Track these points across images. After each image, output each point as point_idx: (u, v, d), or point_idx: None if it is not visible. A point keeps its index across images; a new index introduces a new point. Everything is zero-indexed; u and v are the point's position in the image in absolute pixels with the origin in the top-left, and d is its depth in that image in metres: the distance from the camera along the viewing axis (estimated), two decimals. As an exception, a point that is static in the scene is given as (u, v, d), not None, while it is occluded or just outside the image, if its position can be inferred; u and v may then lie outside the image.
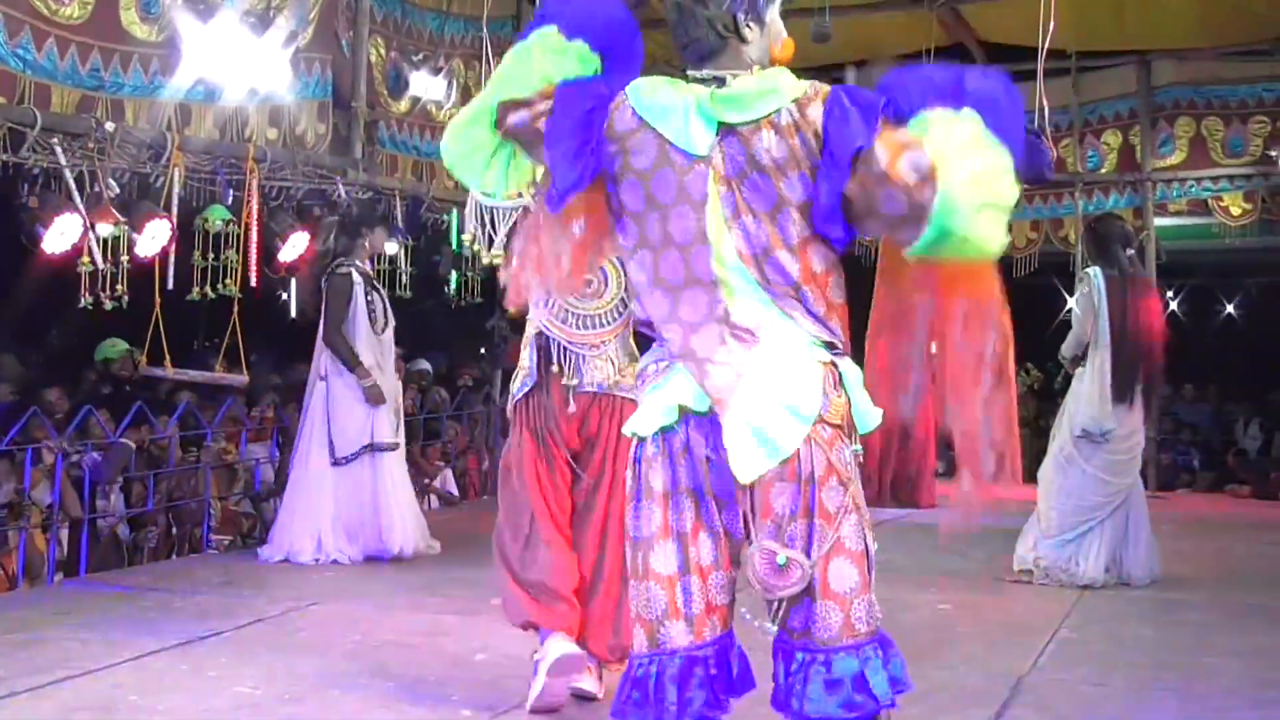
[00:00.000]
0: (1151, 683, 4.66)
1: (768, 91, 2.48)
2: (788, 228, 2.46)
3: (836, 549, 2.43)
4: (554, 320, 4.19)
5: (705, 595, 2.47)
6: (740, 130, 2.46)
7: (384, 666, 4.57)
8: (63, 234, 5.85)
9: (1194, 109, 11.03)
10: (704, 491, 2.47)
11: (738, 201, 2.47)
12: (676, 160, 2.49)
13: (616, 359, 4.22)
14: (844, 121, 2.41)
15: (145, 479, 6.95)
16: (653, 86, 2.54)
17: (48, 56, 5.80)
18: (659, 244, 2.51)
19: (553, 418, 4.20)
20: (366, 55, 7.91)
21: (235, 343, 7.10)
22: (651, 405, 2.51)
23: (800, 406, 2.42)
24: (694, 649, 2.46)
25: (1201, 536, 7.91)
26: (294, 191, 7.33)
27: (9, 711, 3.96)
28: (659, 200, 2.50)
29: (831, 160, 2.42)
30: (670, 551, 2.47)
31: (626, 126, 2.52)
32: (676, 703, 2.43)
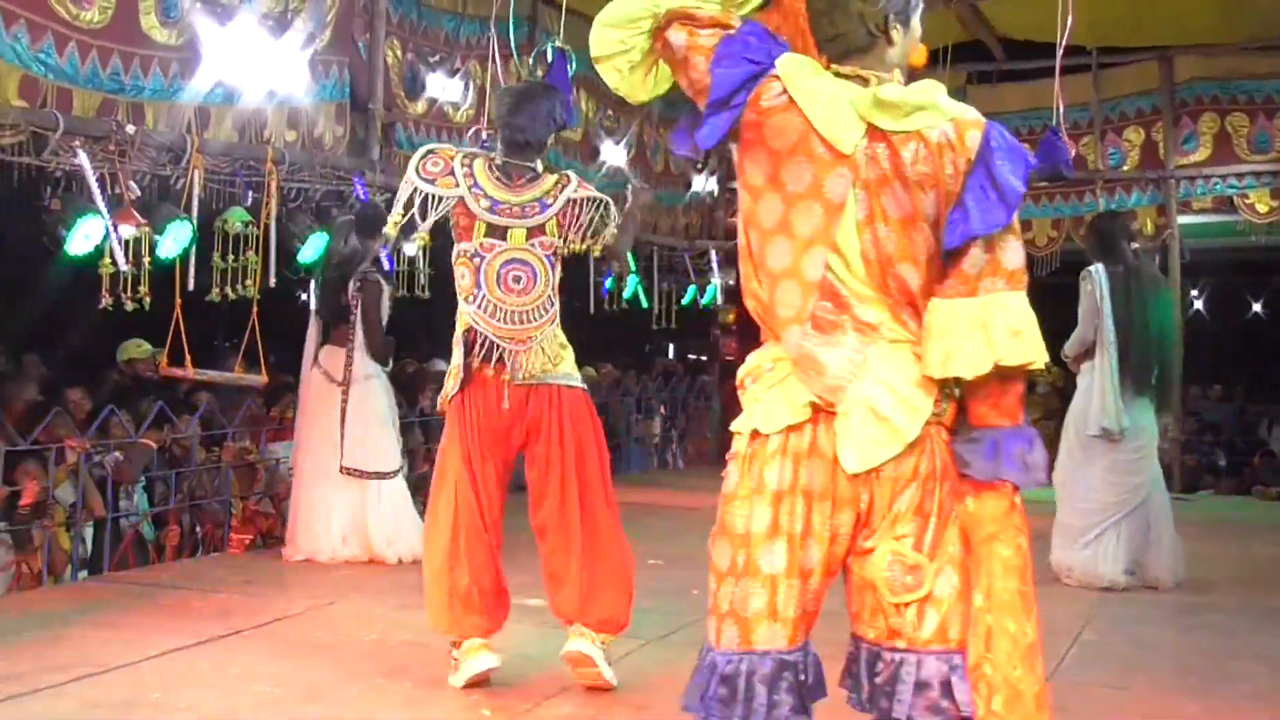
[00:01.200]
0: (1174, 686, 4.65)
1: (929, 105, 2.42)
2: (918, 240, 2.43)
3: (944, 553, 2.43)
4: (483, 315, 4.23)
5: (803, 600, 2.44)
6: (891, 137, 2.41)
7: (403, 666, 4.59)
8: (85, 236, 5.89)
9: (1218, 104, 10.94)
10: (824, 493, 2.42)
11: (873, 207, 2.42)
12: (819, 152, 2.44)
13: (549, 349, 4.28)
14: (986, 193, 2.39)
15: (167, 479, 6.98)
16: (804, 68, 2.50)
17: (69, 61, 5.83)
18: (770, 226, 2.47)
19: (489, 413, 4.25)
20: (383, 57, 7.93)
21: (254, 343, 7.12)
22: (775, 401, 2.45)
23: (916, 399, 2.41)
24: (786, 653, 2.43)
25: (1226, 539, 7.86)
26: (312, 193, 7.35)
27: (32, 708, 3.98)
28: (785, 185, 2.46)
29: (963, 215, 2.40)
30: (779, 552, 2.42)
31: (773, 102, 2.47)
32: (765, 704, 2.41)
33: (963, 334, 2.39)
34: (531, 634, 4.74)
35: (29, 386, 7.66)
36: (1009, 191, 2.39)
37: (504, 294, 4.23)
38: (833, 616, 2.53)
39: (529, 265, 4.24)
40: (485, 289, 4.23)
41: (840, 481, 2.42)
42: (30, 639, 4.79)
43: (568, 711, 4.11)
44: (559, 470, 4.31)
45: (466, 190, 4.24)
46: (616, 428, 11.16)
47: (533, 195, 4.28)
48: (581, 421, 4.37)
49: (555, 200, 4.29)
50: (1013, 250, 2.43)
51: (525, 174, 4.32)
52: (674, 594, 5.58)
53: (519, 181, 4.29)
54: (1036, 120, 11.19)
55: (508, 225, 4.24)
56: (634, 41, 2.61)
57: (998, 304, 2.41)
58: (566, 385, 4.35)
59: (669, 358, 15.31)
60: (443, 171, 4.26)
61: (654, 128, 11.01)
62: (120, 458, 6.66)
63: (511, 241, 4.24)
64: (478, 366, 4.25)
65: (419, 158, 4.30)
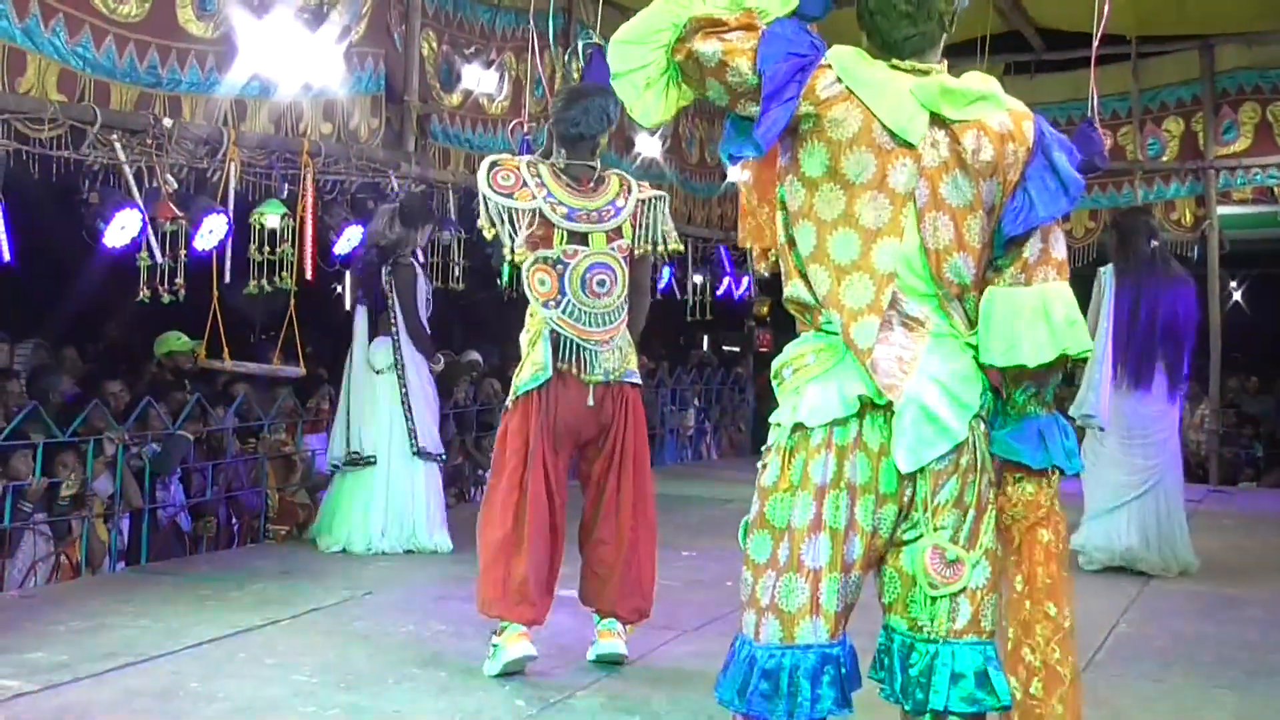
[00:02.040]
0: (1211, 680, 4.61)
1: (989, 96, 2.46)
2: (974, 229, 2.44)
3: (980, 545, 2.44)
4: (567, 319, 4.33)
5: (845, 594, 2.44)
6: (952, 125, 2.43)
7: (438, 656, 4.61)
8: (122, 228, 5.94)
9: (1259, 94, 10.82)
10: (868, 487, 2.41)
11: (932, 196, 2.42)
12: (882, 142, 2.42)
13: (624, 348, 4.45)
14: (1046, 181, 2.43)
15: (204, 470, 7.03)
16: (858, 59, 2.49)
17: (106, 54, 5.88)
18: (832, 219, 2.45)
19: (570, 410, 4.37)
20: (419, 49, 7.95)
21: (291, 335, 7.16)
22: (820, 395, 2.44)
23: (964, 395, 2.42)
24: (829, 646, 2.43)
25: (1265, 532, 7.79)
26: (348, 185, 7.38)
27: (73, 695, 4.02)
28: (847, 176, 2.43)
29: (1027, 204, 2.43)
30: (822, 546, 2.41)
31: (829, 93, 2.44)
32: (811, 699, 2.40)
33: (1027, 323, 2.42)
34: (566, 624, 4.75)
35: (65, 380, 7.73)
36: (1070, 181, 2.44)
37: (588, 298, 4.33)
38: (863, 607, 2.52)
39: (610, 269, 4.36)
40: (570, 294, 4.32)
41: (885, 476, 2.41)
42: (71, 629, 4.83)
43: (601, 701, 4.11)
44: (617, 468, 4.47)
45: (542, 201, 4.32)
46: (651, 419, 11.16)
47: (605, 199, 4.40)
48: (642, 420, 4.56)
49: (627, 202, 4.42)
50: (1061, 240, 2.50)
51: (590, 176, 4.41)
52: (709, 585, 5.57)
53: (587, 186, 4.39)
54: (1075, 110, 11.09)
55: (588, 231, 4.34)
56: (653, 57, 2.55)
57: (1055, 293, 2.45)
58: (632, 384, 4.52)
59: (704, 349, 15.30)
60: (517, 184, 4.33)
61: (690, 119, 11.00)
62: (157, 449, 6.71)
63: (594, 246, 4.35)
64: (568, 368, 4.36)
65: (488, 171, 4.36)
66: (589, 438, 4.45)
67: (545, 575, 4.38)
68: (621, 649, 4.45)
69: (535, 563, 4.31)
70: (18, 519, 5.92)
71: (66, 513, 6.14)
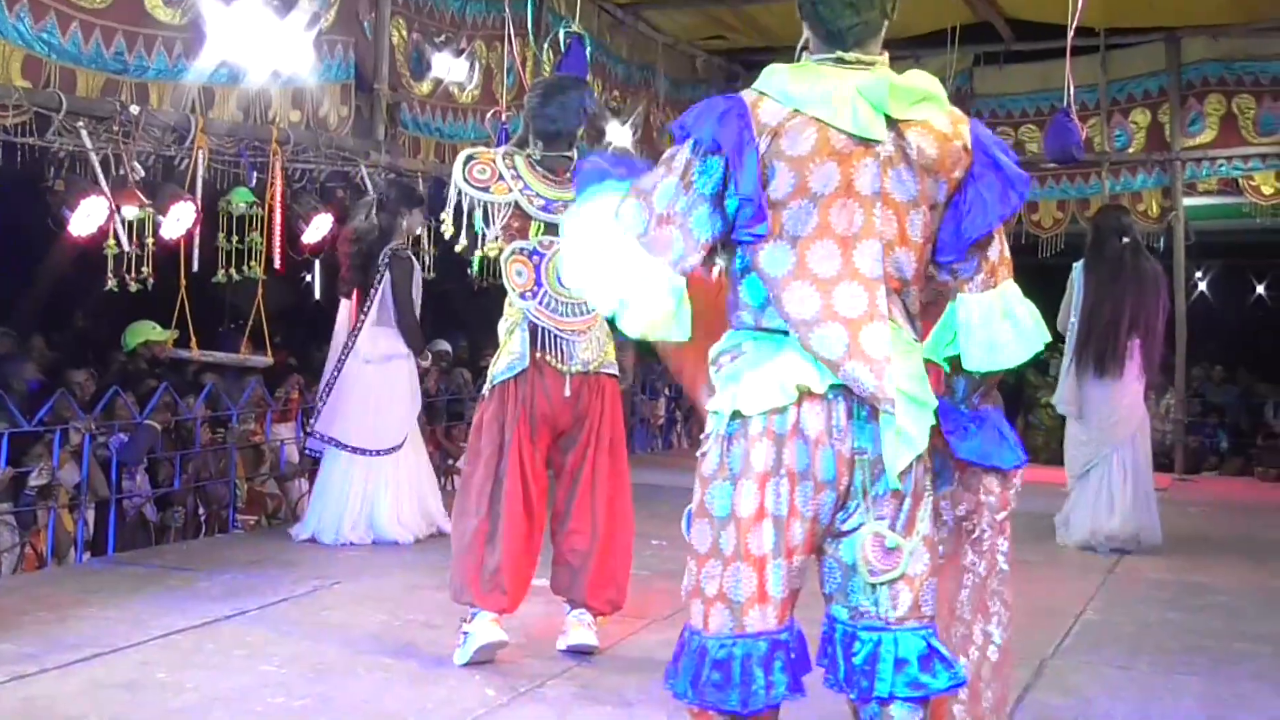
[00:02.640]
0: (1177, 666, 4.65)
1: (932, 96, 2.49)
2: (918, 225, 2.46)
3: (917, 531, 2.47)
4: (544, 310, 4.35)
5: (790, 580, 2.46)
6: (898, 123, 2.45)
7: (408, 646, 4.60)
8: (89, 216, 5.88)
9: (1225, 86, 10.89)
10: (807, 473, 2.42)
11: (882, 190, 2.44)
12: (841, 148, 2.42)
13: (601, 339, 4.45)
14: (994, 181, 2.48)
15: (172, 460, 6.99)
16: (795, 75, 2.48)
17: (72, 40, 5.82)
18: (807, 234, 2.43)
19: (546, 399, 4.37)
20: (389, 37, 7.91)
21: (260, 324, 7.12)
22: (758, 384, 2.44)
23: (926, 395, 2.46)
24: (778, 633, 2.45)
25: (1229, 520, 7.87)
26: (317, 174, 7.35)
27: (39, 688, 3.99)
28: (812, 189, 2.43)
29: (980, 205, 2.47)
30: (766, 534, 2.42)
31: (778, 118, 2.43)
32: (765, 686, 2.42)
33: (1002, 328, 2.51)
34: (537, 613, 4.75)
35: (29, 367, 7.67)
36: (1017, 178, 2.48)
37: (564, 288, 4.28)
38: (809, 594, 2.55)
39: None
40: (546, 285, 4.34)
41: (823, 463, 2.43)
42: (36, 619, 4.80)
43: (572, 691, 4.12)
44: (591, 459, 4.48)
45: (519, 193, 4.33)
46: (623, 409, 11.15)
47: None
48: (618, 411, 4.56)
49: None
50: (1004, 238, 2.56)
51: (565, 167, 4.38)
52: (678, 574, 5.55)
53: (563, 176, 4.35)
54: (1044, 101, 11.15)
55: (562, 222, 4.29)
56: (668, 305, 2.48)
57: (1014, 293, 2.54)
58: (609, 375, 4.52)
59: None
60: (492, 178, 4.34)
61: (661, 109, 10.99)
62: (124, 439, 6.67)
63: None
64: (546, 358, 4.36)
65: (463, 165, 4.37)
66: (565, 428, 4.45)
67: (521, 565, 4.37)
68: (592, 640, 4.45)
69: (510, 551, 4.31)
70: (-18, 509, 5.88)
71: (32, 503, 6.09)
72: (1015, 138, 11.56)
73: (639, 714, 3.90)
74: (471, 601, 4.34)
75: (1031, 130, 11.42)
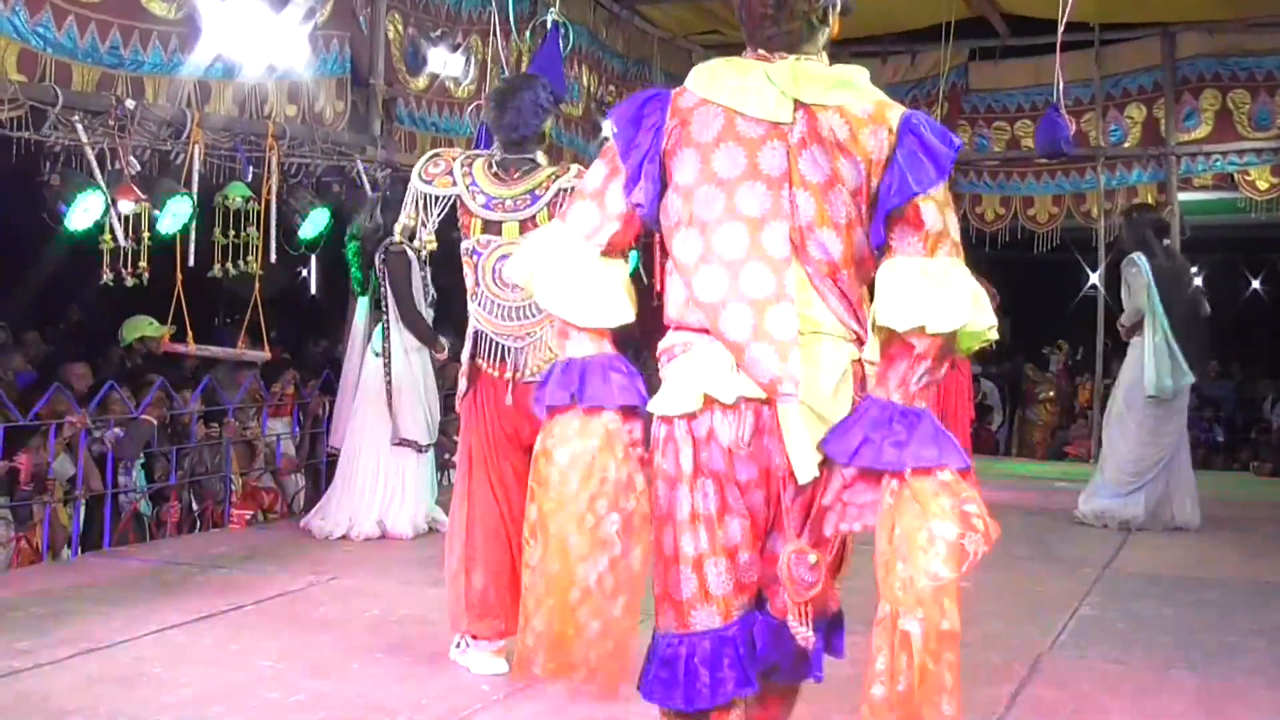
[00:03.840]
0: (1172, 662, 4.65)
1: (850, 84, 2.48)
2: (837, 205, 2.45)
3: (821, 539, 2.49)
4: (483, 313, 4.22)
5: (734, 575, 2.48)
6: (810, 106, 2.45)
7: (404, 641, 4.60)
8: (85, 211, 5.87)
9: (1219, 81, 10.89)
10: (728, 476, 2.46)
11: (792, 172, 2.45)
12: (747, 132, 2.46)
13: (553, 344, 4.15)
14: (916, 154, 2.42)
15: (167, 454, 6.98)
16: (714, 69, 2.54)
17: (68, 34, 5.81)
18: (714, 218, 2.46)
19: (495, 410, 4.22)
20: (384, 32, 7.90)
21: (256, 319, 7.12)
22: (677, 388, 2.48)
23: (831, 411, 2.44)
24: (723, 630, 2.47)
25: (1224, 515, 7.86)
26: (313, 168, 7.33)
27: (34, 682, 4.00)
28: (718, 173, 2.46)
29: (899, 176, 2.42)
30: (700, 533, 2.46)
31: (689, 103, 2.51)
32: (709, 684, 2.45)
33: (931, 288, 2.38)
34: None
35: (18, 359, 7.66)
36: (940, 154, 2.42)
37: (500, 289, 4.19)
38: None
39: None
40: (484, 286, 4.21)
41: (740, 467, 2.46)
42: (31, 614, 4.80)
43: (568, 688, 4.11)
44: None
45: (464, 189, 4.22)
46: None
47: (525, 188, 4.21)
48: None
49: (546, 191, 4.18)
50: (955, 221, 2.48)
51: (522, 166, 4.25)
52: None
53: (514, 175, 4.23)
54: (1039, 96, 11.17)
55: (500, 220, 4.18)
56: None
57: (960, 270, 2.43)
58: None
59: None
60: (442, 172, 4.27)
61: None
62: (120, 434, 6.66)
63: (506, 236, 4.17)
64: (484, 365, 4.23)
65: (422, 162, 4.33)
66: (529, 441, 4.27)
67: (508, 584, 4.15)
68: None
69: (491, 571, 4.19)
70: (-22, 504, 5.87)
71: (27, 497, 6.09)
72: (1010, 133, 11.58)
73: (635, 711, 3.87)
74: (466, 631, 4.23)
75: (1026, 125, 11.42)
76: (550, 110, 4.33)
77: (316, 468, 7.82)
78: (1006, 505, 8.04)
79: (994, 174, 11.79)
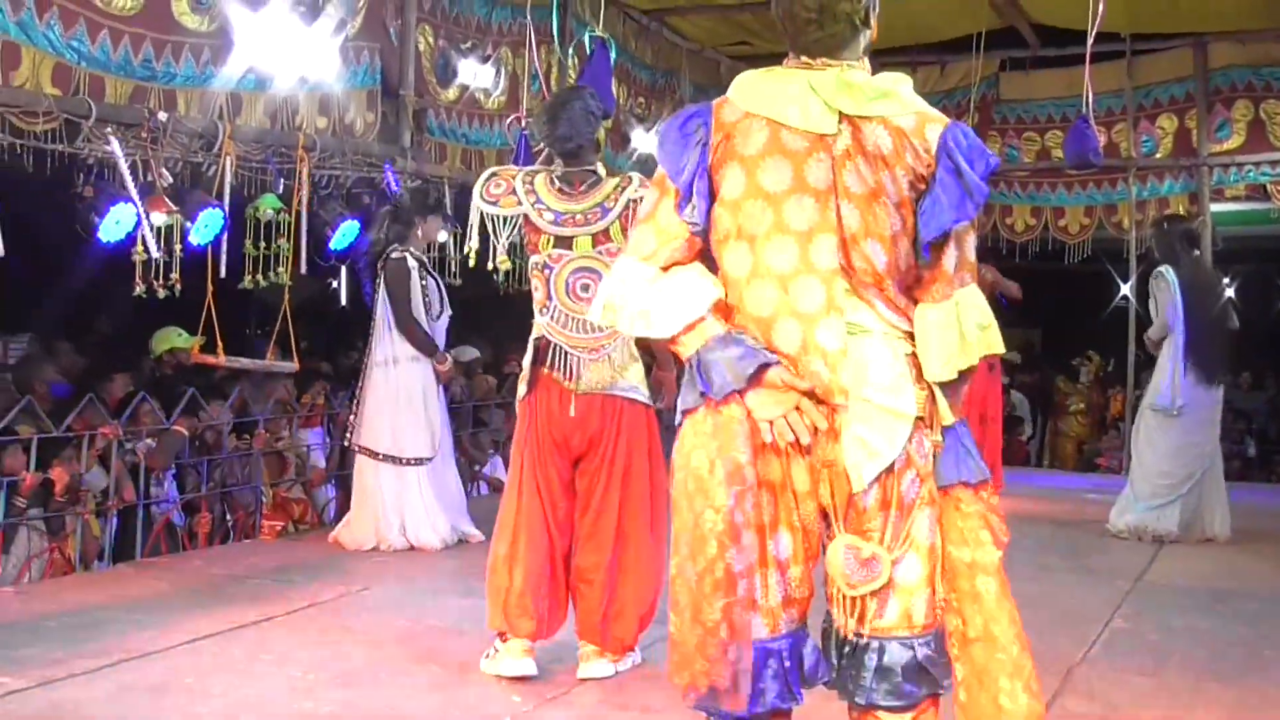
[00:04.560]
0: (1205, 674, 4.61)
1: (891, 94, 2.46)
2: (883, 218, 2.45)
3: (908, 542, 2.46)
4: (555, 325, 4.28)
5: (784, 588, 2.48)
6: (853, 118, 2.45)
7: (434, 652, 4.60)
8: (117, 223, 5.92)
9: (1253, 91, 10.80)
10: (784, 485, 2.47)
11: (838, 184, 2.45)
12: (792, 145, 2.46)
13: (616, 359, 4.29)
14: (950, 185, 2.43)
15: (198, 466, 7.02)
16: (757, 80, 2.54)
17: (101, 48, 5.86)
18: (763, 232, 2.47)
19: (554, 419, 4.27)
20: (415, 43, 7.93)
21: (286, 330, 7.15)
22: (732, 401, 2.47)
23: (901, 405, 2.44)
24: (770, 641, 2.47)
25: (1257, 527, 7.79)
26: (344, 180, 7.37)
27: (67, 692, 4.02)
28: (766, 188, 2.47)
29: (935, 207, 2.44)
30: (750, 545, 2.45)
31: (734, 116, 2.51)
32: (750, 693, 2.44)
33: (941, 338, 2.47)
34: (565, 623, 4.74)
35: (49, 370, 7.71)
36: (975, 188, 2.43)
37: (574, 303, 4.25)
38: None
39: (597, 272, 4.21)
40: (556, 299, 4.27)
41: (796, 476, 2.47)
42: (64, 624, 4.83)
43: (597, 698, 4.12)
44: (603, 485, 4.30)
45: (530, 206, 4.28)
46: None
47: (594, 201, 4.29)
48: (637, 437, 4.35)
49: (616, 203, 4.28)
50: (973, 243, 2.53)
51: (586, 179, 4.33)
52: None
53: (579, 189, 4.31)
54: (1070, 107, 11.10)
55: (572, 235, 4.27)
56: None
57: (968, 302, 2.50)
58: (629, 399, 4.33)
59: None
60: (505, 192, 4.31)
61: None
62: (152, 445, 6.70)
63: (578, 250, 4.26)
64: (556, 375, 4.28)
65: (482, 182, 4.36)
66: (580, 451, 4.32)
67: (546, 587, 4.23)
68: (602, 671, 4.28)
69: (531, 574, 4.22)
70: (12, 514, 5.91)
71: (61, 508, 6.13)
72: (1041, 143, 11.53)
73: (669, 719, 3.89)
74: (500, 628, 4.28)
75: (1057, 136, 11.36)
76: (601, 118, 4.40)
77: (347, 478, 7.84)
78: (1038, 516, 8.01)
79: (1024, 185, 11.73)
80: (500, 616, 4.26)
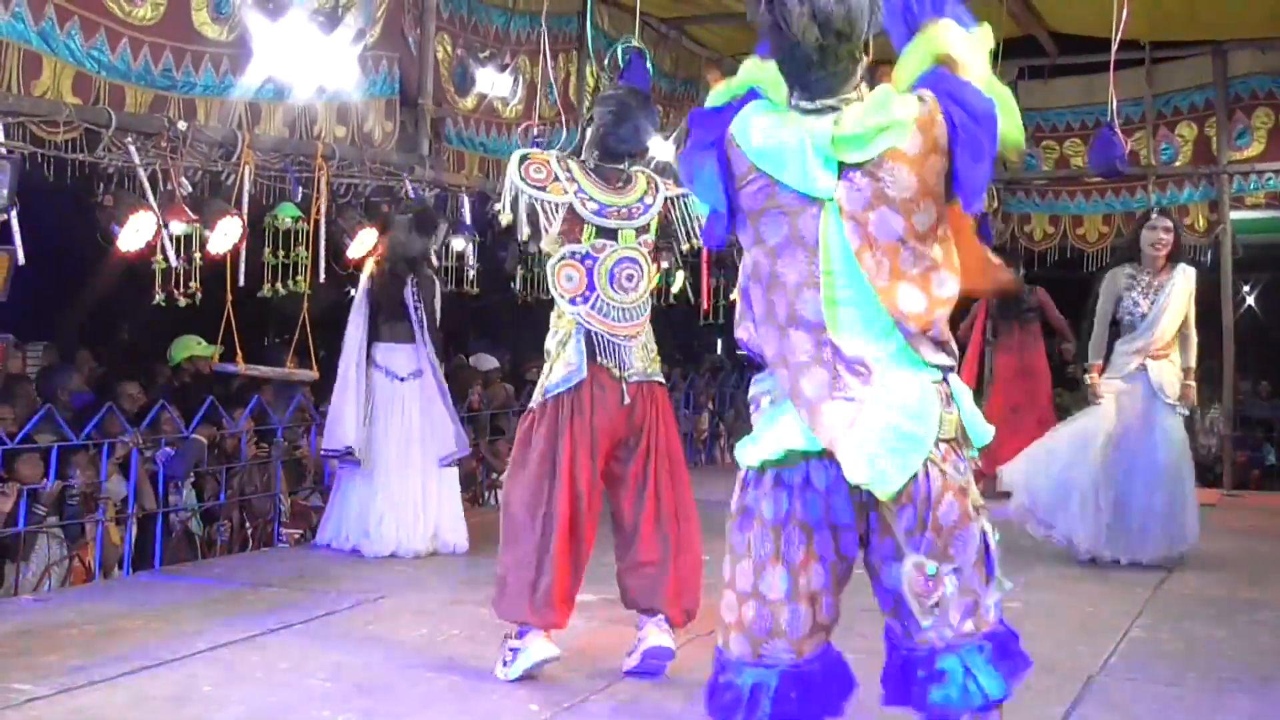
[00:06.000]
0: (1225, 684, 4.58)
1: (886, 127, 2.41)
2: (909, 260, 2.44)
3: (949, 558, 2.46)
4: (596, 315, 4.34)
5: (813, 618, 2.49)
6: (865, 166, 2.42)
7: (452, 660, 4.61)
8: (137, 231, 5.94)
9: (1273, 99, 10.77)
10: (822, 522, 2.46)
11: (865, 234, 2.43)
12: (787, 202, 2.46)
13: (649, 346, 4.47)
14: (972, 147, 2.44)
15: (217, 474, 7.04)
16: (760, 127, 2.49)
17: (121, 57, 5.89)
18: (768, 281, 2.49)
19: (605, 410, 4.34)
20: (433, 52, 7.95)
21: (305, 339, 7.17)
22: (764, 440, 2.50)
23: (917, 431, 2.42)
24: (795, 666, 2.48)
25: (1276, 536, 7.76)
26: (362, 189, 7.39)
27: (86, 699, 4.03)
28: (765, 240, 2.49)
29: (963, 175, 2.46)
30: (779, 577, 2.46)
31: (740, 169, 2.51)
32: (770, 714, 2.45)
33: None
34: (578, 628, 4.75)
35: (75, 378, 7.75)
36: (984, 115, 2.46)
37: (616, 292, 4.36)
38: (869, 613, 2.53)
39: (638, 264, 4.41)
40: (599, 289, 4.35)
41: (838, 510, 2.46)
42: (84, 632, 4.85)
43: (615, 705, 4.11)
44: (654, 468, 4.43)
45: (573, 195, 4.35)
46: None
47: (635, 196, 4.44)
48: (672, 419, 4.58)
49: (655, 200, 4.46)
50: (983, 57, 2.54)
51: (619, 177, 4.45)
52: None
53: (616, 184, 4.43)
54: (1089, 115, 11.09)
55: (617, 227, 4.38)
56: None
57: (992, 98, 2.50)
58: (659, 383, 4.52)
59: (717, 353, 15.31)
60: (548, 178, 4.35)
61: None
62: (171, 453, 6.72)
63: (622, 242, 4.38)
64: (605, 363, 4.35)
65: (518, 163, 4.37)
66: (621, 437, 4.41)
67: (569, 584, 4.34)
68: (670, 644, 4.37)
69: (560, 571, 4.27)
70: (31, 522, 5.93)
71: (79, 516, 6.15)
72: (1059, 151, 11.50)
73: (682, 730, 3.89)
74: (524, 619, 4.30)
75: (1076, 144, 11.35)
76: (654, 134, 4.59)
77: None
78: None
79: (1043, 193, 11.71)
80: (525, 612, 4.28)
